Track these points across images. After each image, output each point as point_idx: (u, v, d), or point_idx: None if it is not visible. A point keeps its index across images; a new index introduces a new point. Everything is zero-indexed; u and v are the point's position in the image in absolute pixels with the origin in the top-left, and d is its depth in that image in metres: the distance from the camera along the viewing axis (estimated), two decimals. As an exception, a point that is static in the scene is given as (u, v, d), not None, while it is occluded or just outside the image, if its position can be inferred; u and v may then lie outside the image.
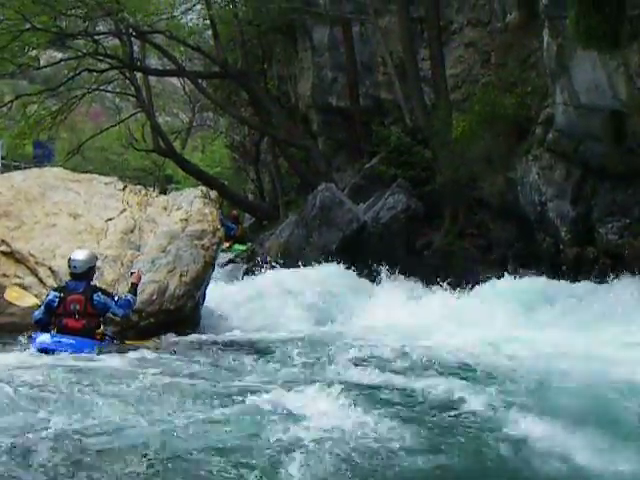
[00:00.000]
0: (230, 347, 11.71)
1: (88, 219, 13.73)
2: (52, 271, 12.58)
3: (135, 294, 11.77)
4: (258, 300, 15.97)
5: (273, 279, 17.98)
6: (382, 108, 26.03)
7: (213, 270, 14.21)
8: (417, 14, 23.37)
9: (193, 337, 12.64)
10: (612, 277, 15.02)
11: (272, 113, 28.12)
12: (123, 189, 14.70)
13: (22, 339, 11.14)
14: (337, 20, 26.19)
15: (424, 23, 23.33)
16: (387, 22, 24.51)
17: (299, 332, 13.28)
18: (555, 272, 16.11)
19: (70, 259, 11.44)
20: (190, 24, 30.80)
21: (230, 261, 23.15)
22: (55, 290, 11.45)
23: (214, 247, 13.90)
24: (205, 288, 13.83)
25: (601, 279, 15.26)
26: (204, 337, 12.70)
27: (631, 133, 14.77)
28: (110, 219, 13.81)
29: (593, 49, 14.32)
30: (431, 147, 21.17)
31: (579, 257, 16.46)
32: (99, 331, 11.26)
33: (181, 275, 13.09)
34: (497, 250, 19.07)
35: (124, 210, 14.08)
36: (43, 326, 11.20)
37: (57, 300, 11.18)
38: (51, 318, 11.20)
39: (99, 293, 11.32)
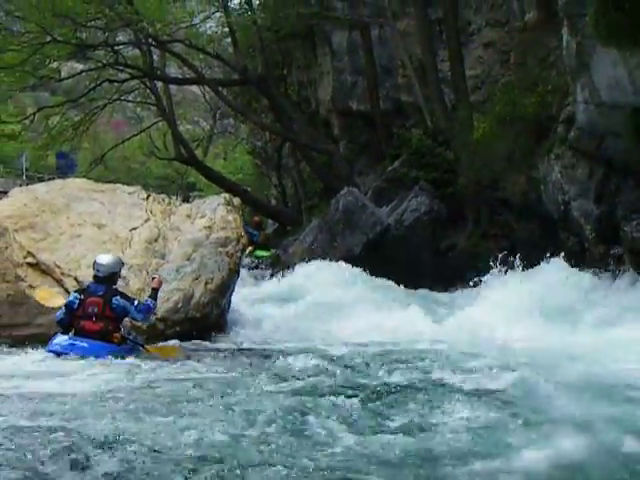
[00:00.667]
0: (256, 354, 11.68)
1: (113, 229, 13.82)
2: (78, 281, 12.65)
3: (155, 299, 11.79)
4: (284, 305, 16.02)
5: (298, 284, 18.05)
6: (402, 111, 26.04)
7: (238, 277, 14.26)
8: (435, 16, 23.41)
9: (219, 344, 12.67)
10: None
11: (293, 118, 28.15)
12: (147, 198, 14.78)
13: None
14: (355, 24, 26.23)
15: (442, 24, 23.35)
16: (405, 24, 24.51)
17: (324, 336, 13.27)
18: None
19: (95, 262, 11.53)
20: (209, 32, 30.91)
21: (255, 267, 23.21)
22: (76, 291, 11.56)
23: (238, 254, 13.96)
24: (230, 295, 13.88)
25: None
26: (230, 344, 12.72)
27: (653, 130, 14.72)
28: (134, 228, 13.89)
29: (613, 46, 14.25)
30: (452, 148, 21.16)
31: (604, 256, 16.38)
32: (117, 335, 11.30)
33: (206, 283, 13.14)
34: (521, 250, 19.00)
35: (148, 219, 14.16)
36: (64, 326, 11.30)
37: (77, 302, 11.27)
38: (71, 319, 11.28)
39: (118, 297, 11.37)
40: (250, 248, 22.36)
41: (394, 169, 22.76)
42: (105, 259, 11.62)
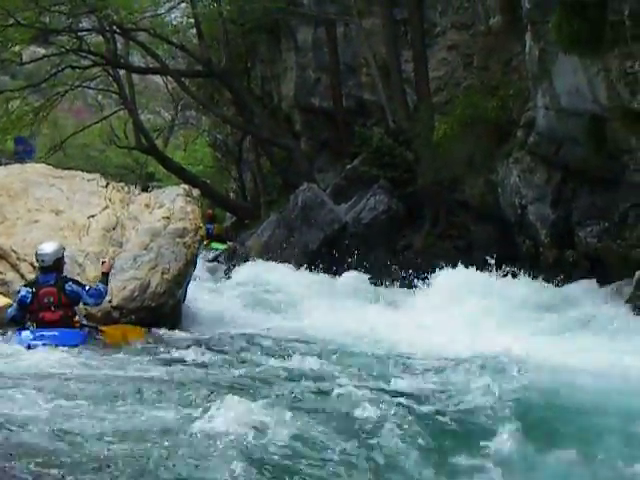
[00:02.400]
0: (208, 346, 11.69)
1: (70, 215, 13.73)
2: (34, 267, 12.53)
3: (106, 283, 11.79)
4: (238, 298, 16.05)
5: (254, 278, 18.09)
6: (365, 109, 26.09)
7: (195, 268, 14.26)
8: (401, 16, 23.45)
9: (173, 334, 12.66)
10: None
11: (255, 112, 28.15)
12: (106, 186, 14.70)
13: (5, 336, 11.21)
14: (321, 20, 26.24)
15: (408, 25, 23.42)
16: (371, 23, 24.53)
17: (279, 331, 13.32)
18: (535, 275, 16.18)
19: (37, 253, 11.50)
20: (174, 22, 30.84)
21: (211, 259, 23.22)
22: (26, 286, 11.49)
23: (196, 245, 13.93)
24: (186, 286, 13.87)
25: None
26: (184, 335, 12.71)
27: (611, 137, 14.90)
28: (92, 216, 13.80)
29: (575, 54, 14.45)
30: (413, 149, 21.24)
31: (558, 260, 16.57)
32: (76, 319, 11.34)
33: (163, 272, 13.11)
34: (477, 252, 19.15)
35: (106, 207, 14.08)
36: (17, 323, 11.27)
37: (30, 296, 11.22)
38: (25, 314, 11.24)
39: (70, 283, 11.39)
40: (206, 241, 22.38)
41: (354, 167, 22.81)
42: (47, 248, 11.57)
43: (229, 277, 19.32)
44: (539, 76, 15.92)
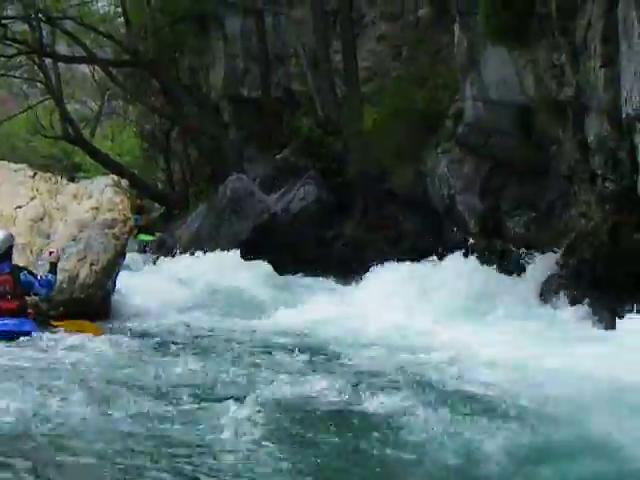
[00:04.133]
0: (138, 337, 11.63)
1: (-4, 206, 13.55)
2: (-41, 259, 12.36)
3: (55, 273, 11.66)
4: (167, 289, 15.94)
5: (183, 268, 18.02)
6: (294, 99, 26.10)
7: (124, 259, 14.17)
8: (330, 6, 23.51)
9: (103, 326, 12.55)
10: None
11: (183, 102, 28.00)
12: (33, 176, 14.51)
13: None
14: (250, 10, 26.16)
15: (337, 15, 23.47)
16: (300, 14, 24.54)
17: (206, 323, 13.30)
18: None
19: None
20: (101, 11, 30.53)
21: (140, 251, 23.07)
22: None
23: (125, 236, 13.86)
24: (115, 277, 13.77)
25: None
26: (114, 326, 12.61)
27: (538, 129, 15.09)
28: (19, 206, 13.64)
29: (502, 45, 14.61)
30: (342, 139, 21.29)
31: (486, 250, 16.71)
32: (31, 311, 11.20)
33: (91, 264, 13.01)
34: (406, 242, 19.26)
35: (34, 197, 13.91)
36: None
37: None
38: None
39: (25, 272, 11.25)
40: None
41: (283, 157, 22.81)
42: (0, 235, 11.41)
43: (157, 268, 19.21)
44: (467, 67, 16.05)
